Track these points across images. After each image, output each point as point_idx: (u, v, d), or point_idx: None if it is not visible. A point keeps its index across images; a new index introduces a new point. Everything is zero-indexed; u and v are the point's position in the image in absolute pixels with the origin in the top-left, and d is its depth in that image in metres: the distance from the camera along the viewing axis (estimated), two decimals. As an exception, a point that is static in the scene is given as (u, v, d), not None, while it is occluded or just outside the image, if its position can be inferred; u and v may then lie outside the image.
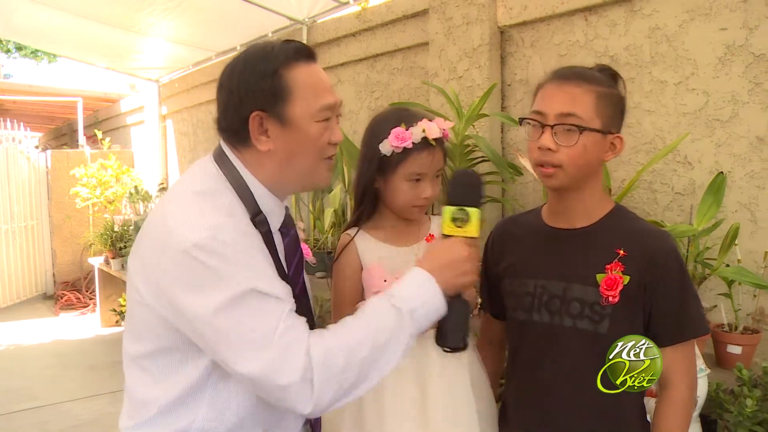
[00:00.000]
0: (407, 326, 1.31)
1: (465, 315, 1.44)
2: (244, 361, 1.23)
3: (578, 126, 1.50)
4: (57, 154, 9.10)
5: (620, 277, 1.51)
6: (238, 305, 1.23)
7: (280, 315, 1.26)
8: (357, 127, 4.74)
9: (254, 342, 1.23)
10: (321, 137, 1.39)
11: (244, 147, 1.40)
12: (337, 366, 1.24)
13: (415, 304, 1.33)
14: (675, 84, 2.76)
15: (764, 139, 2.49)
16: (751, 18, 2.49)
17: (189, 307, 1.25)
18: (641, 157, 2.90)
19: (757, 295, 2.40)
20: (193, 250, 1.23)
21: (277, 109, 1.35)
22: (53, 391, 5.21)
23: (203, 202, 1.32)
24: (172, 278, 1.27)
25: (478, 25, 3.48)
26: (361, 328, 1.30)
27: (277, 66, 1.36)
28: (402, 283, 1.37)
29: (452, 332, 1.43)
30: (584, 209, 1.62)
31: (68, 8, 5.76)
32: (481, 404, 1.78)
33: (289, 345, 1.23)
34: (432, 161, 1.74)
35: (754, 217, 2.53)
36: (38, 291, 9.20)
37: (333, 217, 4.19)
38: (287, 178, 1.43)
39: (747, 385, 2.03)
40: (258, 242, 1.36)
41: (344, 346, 1.26)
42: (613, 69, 1.62)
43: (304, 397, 1.23)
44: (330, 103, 1.40)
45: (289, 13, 5.04)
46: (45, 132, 15.54)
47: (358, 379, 1.27)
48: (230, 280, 1.23)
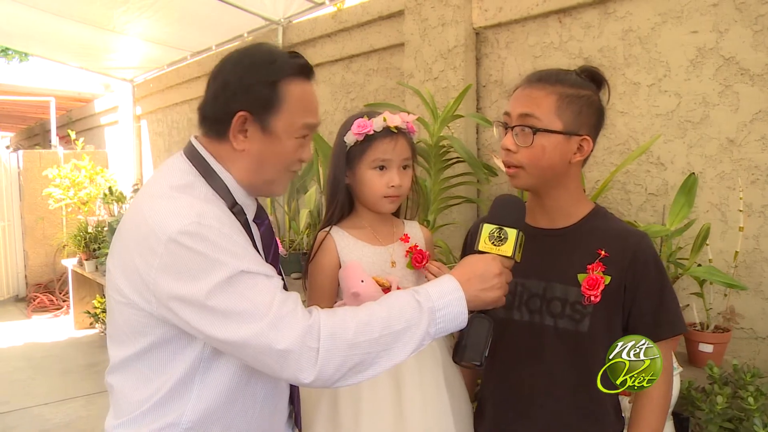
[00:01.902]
0: (425, 322, 1.32)
1: (486, 332, 1.42)
2: (240, 330, 1.25)
3: (532, 127, 1.52)
4: (29, 155, 8.97)
5: (601, 277, 1.53)
6: (230, 286, 1.25)
7: (274, 290, 1.29)
8: (333, 128, 4.72)
9: (252, 314, 1.25)
10: (295, 153, 1.44)
11: (220, 140, 1.42)
12: (346, 339, 1.25)
13: (439, 304, 1.33)
14: (648, 86, 2.79)
15: (734, 140, 2.52)
16: (721, 21, 2.52)
17: (181, 295, 1.26)
18: (615, 158, 2.93)
19: (727, 294, 2.43)
20: (180, 238, 1.25)
21: (264, 116, 1.39)
22: (23, 395, 5.13)
23: (182, 194, 1.34)
24: (160, 269, 1.27)
25: (454, 26, 3.49)
26: (379, 311, 1.31)
27: (279, 78, 1.39)
28: (430, 283, 1.39)
29: (471, 347, 1.41)
30: (563, 209, 1.63)
31: (40, 5, 5.66)
32: (456, 403, 1.79)
33: (287, 314, 1.25)
34: (395, 147, 1.77)
35: (725, 218, 2.56)
36: (10, 293, 9.06)
37: (308, 218, 4.17)
38: (254, 180, 1.45)
39: (718, 383, 2.06)
40: (239, 227, 1.38)
41: (357, 322, 1.27)
42: (598, 72, 1.63)
43: (306, 363, 1.24)
44: (312, 122, 1.46)
45: (265, 14, 5.01)
46: (16, 132, 15.31)
47: (366, 359, 1.28)
48: (220, 263, 1.25)
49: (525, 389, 1.63)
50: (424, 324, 1.32)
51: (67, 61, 7.90)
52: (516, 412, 1.65)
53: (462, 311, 1.35)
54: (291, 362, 1.25)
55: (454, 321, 1.35)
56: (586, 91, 1.57)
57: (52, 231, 8.65)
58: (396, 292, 1.38)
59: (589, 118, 1.57)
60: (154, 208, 1.32)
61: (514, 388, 1.65)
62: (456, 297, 1.35)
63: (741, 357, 2.44)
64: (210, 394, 1.39)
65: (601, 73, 1.63)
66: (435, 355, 1.80)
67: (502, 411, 1.69)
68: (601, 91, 1.62)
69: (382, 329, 1.28)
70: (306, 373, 1.25)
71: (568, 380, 1.58)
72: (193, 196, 1.34)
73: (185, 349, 1.36)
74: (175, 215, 1.28)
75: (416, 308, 1.32)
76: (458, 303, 1.35)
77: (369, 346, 1.27)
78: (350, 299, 1.71)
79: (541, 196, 1.64)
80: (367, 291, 1.71)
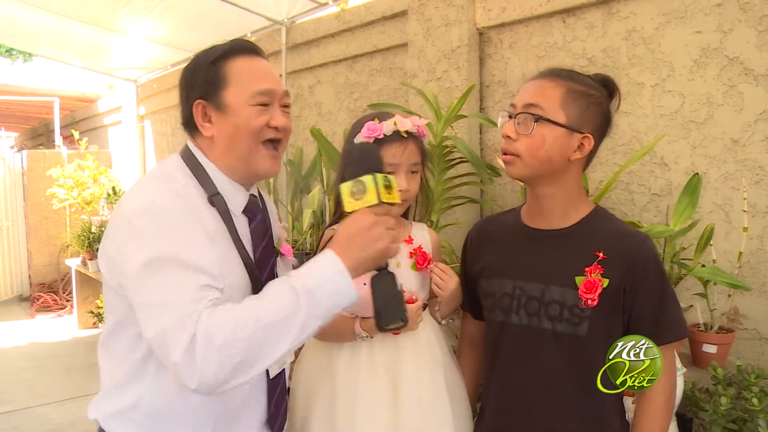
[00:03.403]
0: (305, 306, 1.26)
1: (391, 287, 1.35)
2: (148, 325, 1.28)
3: (534, 115, 1.52)
4: (33, 155, 8.98)
5: (599, 280, 1.52)
6: (157, 267, 1.28)
7: (191, 286, 1.28)
8: (336, 128, 4.74)
9: (160, 306, 1.26)
10: (255, 120, 1.45)
11: (197, 135, 1.52)
12: (218, 340, 1.21)
13: (314, 283, 1.27)
14: (652, 86, 2.78)
15: (738, 140, 2.51)
16: (725, 21, 2.52)
17: (123, 266, 1.33)
18: (618, 159, 2.92)
19: (731, 294, 2.42)
20: (132, 217, 1.35)
21: (216, 96, 1.46)
22: (27, 394, 5.14)
23: (157, 182, 1.45)
24: (115, 246, 1.38)
25: (457, 26, 3.49)
26: (251, 307, 1.26)
27: (216, 57, 1.47)
28: (308, 263, 1.33)
29: (385, 309, 1.34)
30: (561, 210, 1.62)
31: (45, 6, 5.67)
32: (456, 405, 1.78)
33: (187, 316, 1.23)
34: (404, 152, 1.76)
35: (729, 218, 2.56)
36: (14, 293, 9.07)
37: (312, 218, 4.17)
38: (231, 161, 1.49)
39: (722, 384, 2.05)
40: (203, 219, 1.40)
41: (228, 322, 1.23)
42: (612, 80, 1.63)
43: (188, 369, 1.21)
44: (265, 88, 1.46)
45: (268, 14, 5.01)
46: (21, 132, 15.34)
47: (246, 356, 1.22)
48: (155, 242, 1.30)
49: (525, 394, 1.62)
50: (304, 307, 1.25)
51: (71, 62, 7.90)
52: (517, 418, 1.63)
53: (346, 283, 1.29)
54: (178, 368, 1.22)
55: (342, 295, 1.29)
56: (595, 91, 1.57)
57: (56, 231, 8.66)
58: (273, 282, 1.33)
59: (594, 118, 1.56)
60: (129, 196, 1.43)
61: (515, 393, 1.64)
62: (335, 270, 1.29)
63: (745, 358, 2.43)
64: (165, 382, 1.42)
65: (614, 81, 1.63)
66: (435, 357, 1.80)
67: (503, 416, 1.68)
68: (612, 99, 1.62)
69: (255, 324, 1.23)
70: (189, 380, 1.22)
71: (568, 385, 1.56)
72: (166, 185, 1.42)
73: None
74: (135, 198, 1.39)
75: (291, 294, 1.26)
76: (339, 275, 1.29)
77: (246, 343, 1.22)
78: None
79: (538, 194, 1.63)
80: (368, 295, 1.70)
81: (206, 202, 1.44)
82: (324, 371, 1.81)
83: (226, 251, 1.43)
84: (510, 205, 2.61)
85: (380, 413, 1.71)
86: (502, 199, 3.45)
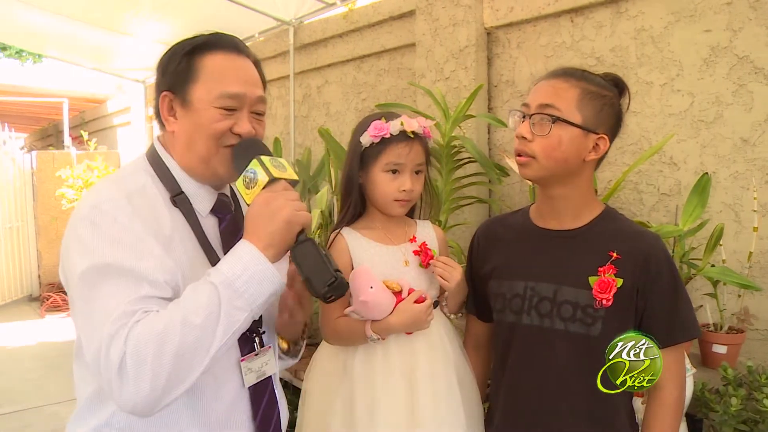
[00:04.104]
0: (227, 299, 1.21)
1: (313, 253, 1.29)
2: (86, 346, 1.22)
3: (551, 116, 1.51)
4: (42, 155, 9.02)
5: (613, 280, 1.51)
6: (94, 278, 1.22)
7: (127, 298, 1.20)
8: (344, 128, 4.74)
9: (93, 323, 1.20)
10: (216, 123, 1.36)
11: (164, 129, 1.44)
12: (148, 353, 1.14)
13: (231, 274, 1.22)
14: (660, 85, 2.77)
15: (748, 140, 2.50)
16: (735, 20, 2.51)
17: (68, 274, 1.29)
18: (627, 158, 2.92)
19: (741, 295, 2.41)
20: (77, 222, 1.29)
21: (182, 91, 1.38)
22: (37, 394, 5.16)
23: (110, 185, 1.37)
24: (64, 252, 1.32)
25: (465, 26, 3.48)
26: (174, 312, 1.20)
27: (191, 48, 1.39)
28: (225, 256, 1.28)
29: (313, 277, 1.28)
30: (573, 210, 1.62)
31: (54, 8, 5.71)
32: (468, 405, 1.78)
33: (117, 334, 1.16)
34: (409, 153, 1.77)
35: (739, 218, 2.54)
36: (24, 293, 9.11)
37: (320, 218, 4.16)
38: (190, 162, 1.42)
39: (732, 385, 2.04)
40: (159, 222, 1.33)
41: (155, 332, 1.16)
42: (621, 79, 1.63)
43: (123, 390, 1.15)
44: (234, 92, 1.37)
45: (276, 14, 5.02)
46: (30, 133, 15.42)
47: (178, 364, 1.16)
48: (95, 250, 1.24)
49: (535, 395, 1.61)
50: (226, 301, 1.20)
51: (80, 63, 7.94)
52: (527, 419, 1.63)
53: (264, 267, 1.24)
54: (114, 388, 1.17)
55: (264, 279, 1.25)
56: (609, 92, 1.57)
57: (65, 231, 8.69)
58: (193, 283, 1.26)
59: (608, 119, 1.56)
60: (83, 196, 1.38)
61: (525, 395, 1.63)
62: (250, 257, 1.24)
63: (755, 358, 2.42)
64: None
65: (624, 81, 1.63)
66: (447, 356, 1.80)
67: (512, 418, 1.67)
68: (621, 98, 1.62)
69: (182, 329, 1.17)
70: (125, 402, 1.17)
71: (580, 386, 1.55)
72: (119, 185, 1.34)
73: None
74: (84, 202, 1.32)
75: (211, 291, 1.21)
76: (256, 262, 1.24)
77: (175, 349, 1.16)
78: (359, 306, 1.69)
79: (551, 195, 1.62)
80: (376, 298, 1.70)
81: (168, 203, 1.38)
82: (340, 373, 1.81)
83: (190, 254, 1.36)
84: (518, 205, 2.60)
85: (399, 413, 1.70)
86: (511, 199, 3.44)
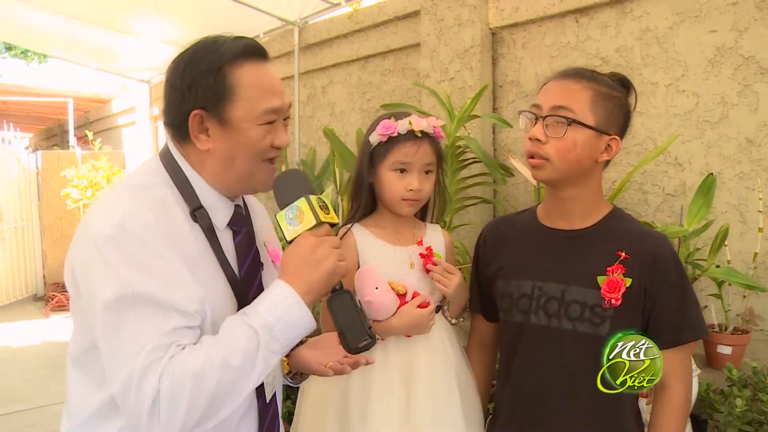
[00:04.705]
0: (265, 344, 1.21)
1: (350, 306, 1.32)
2: (112, 377, 1.17)
3: (567, 118, 1.51)
4: (47, 155, 9.04)
5: (622, 279, 1.51)
6: (123, 306, 1.16)
7: (159, 330, 1.16)
8: (348, 128, 4.74)
9: (123, 352, 1.16)
10: (262, 141, 1.33)
11: (186, 143, 1.36)
12: (184, 393, 1.14)
13: (270, 318, 1.22)
14: (665, 86, 2.77)
15: (753, 140, 2.50)
16: (741, 20, 2.50)
17: (89, 296, 1.21)
18: (632, 159, 2.91)
19: (746, 295, 2.41)
20: (99, 240, 1.19)
21: (219, 109, 1.30)
22: (41, 393, 5.16)
23: (129, 195, 1.28)
24: (81, 268, 1.24)
25: (470, 26, 3.48)
26: (212, 351, 1.18)
27: (223, 63, 1.30)
28: (261, 298, 1.27)
29: (348, 330, 1.31)
30: (582, 210, 1.62)
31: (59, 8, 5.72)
32: (468, 410, 1.78)
33: (150, 366, 1.13)
34: (417, 152, 1.77)
35: (744, 218, 2.54)
36: (28, 292, 9.13)
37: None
38: (228, 179, 1.36)
39: (737, 385, 2.04)
40: (184, 240, 1.28)
41: (192, 372, 1.14)
42: (628, 79, 1.63)
43: (153, 423, 1.14)
44: (275, 106, 1.34)
45: (281, 14, 5.03)
46: (35, 133, 15.47)
47: (211, 405, 1.17)
48: (123, 277, 1.17)
49: (542, 396, 1.61)
50: (264, 346, 1.20)
51: (85, 63, 7.97)
52: (534, 419, 1.62)
53: (301, 312, 1.24)
54: (142, 423, 1.14)
55: (299, 325, 1.25)
56: (618, 93, 1.58)
57: (70, 231, 8.68)
58: (229, 320, 1.24)
59: (619, 119, 1.57)
60: (97, 206, 1.28)
61: (531, 395, 1.63)
62: (290, 302, 1.24)
63: (760, 359, 2.41)
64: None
65: (630, 81, 1.63)
66: (448, 359, 1.80)
67: (519, 418, 1.67)
68: (628, 98, 1.62)
69: (220, 371, 1.16)
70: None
71: (586, 386, 1.52)
72: (140, 198, 1.27)
73: None
74: (103, 215, 1.23)
75: (250, 335, 1.20)
76: (295, 306, 1.24)
77: (210, 393, 1.16)
78: (364, 305, 1.68)
79: (562, 196, 1.62)
80: (381, 299, 1.70)
81: (187, 216, 1.32)
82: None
83: (211, 271, 1.32)
84: (523, 206, 2.60)
85: (393, 408, 1.71)
86: (515, 199, 3.44)
